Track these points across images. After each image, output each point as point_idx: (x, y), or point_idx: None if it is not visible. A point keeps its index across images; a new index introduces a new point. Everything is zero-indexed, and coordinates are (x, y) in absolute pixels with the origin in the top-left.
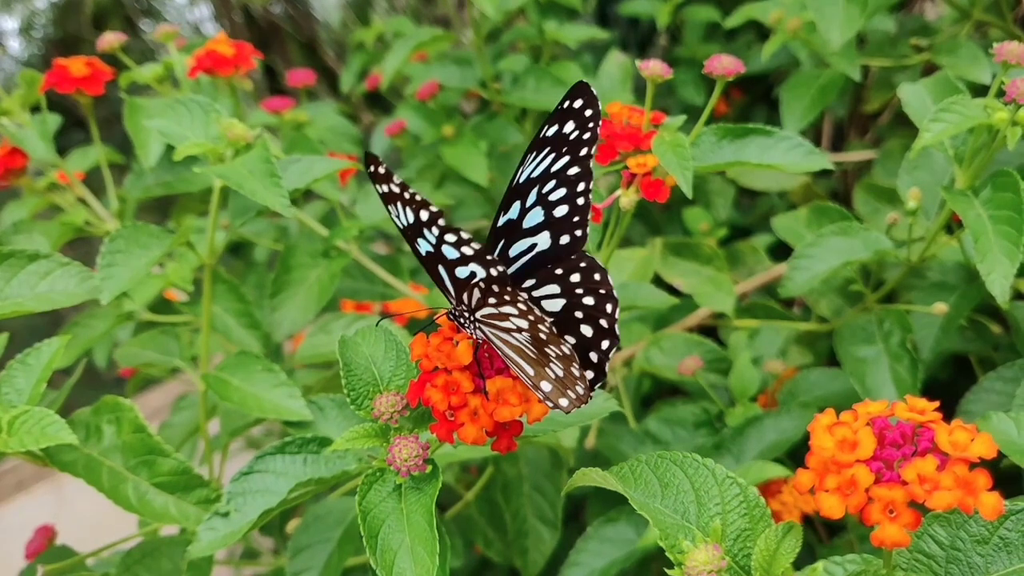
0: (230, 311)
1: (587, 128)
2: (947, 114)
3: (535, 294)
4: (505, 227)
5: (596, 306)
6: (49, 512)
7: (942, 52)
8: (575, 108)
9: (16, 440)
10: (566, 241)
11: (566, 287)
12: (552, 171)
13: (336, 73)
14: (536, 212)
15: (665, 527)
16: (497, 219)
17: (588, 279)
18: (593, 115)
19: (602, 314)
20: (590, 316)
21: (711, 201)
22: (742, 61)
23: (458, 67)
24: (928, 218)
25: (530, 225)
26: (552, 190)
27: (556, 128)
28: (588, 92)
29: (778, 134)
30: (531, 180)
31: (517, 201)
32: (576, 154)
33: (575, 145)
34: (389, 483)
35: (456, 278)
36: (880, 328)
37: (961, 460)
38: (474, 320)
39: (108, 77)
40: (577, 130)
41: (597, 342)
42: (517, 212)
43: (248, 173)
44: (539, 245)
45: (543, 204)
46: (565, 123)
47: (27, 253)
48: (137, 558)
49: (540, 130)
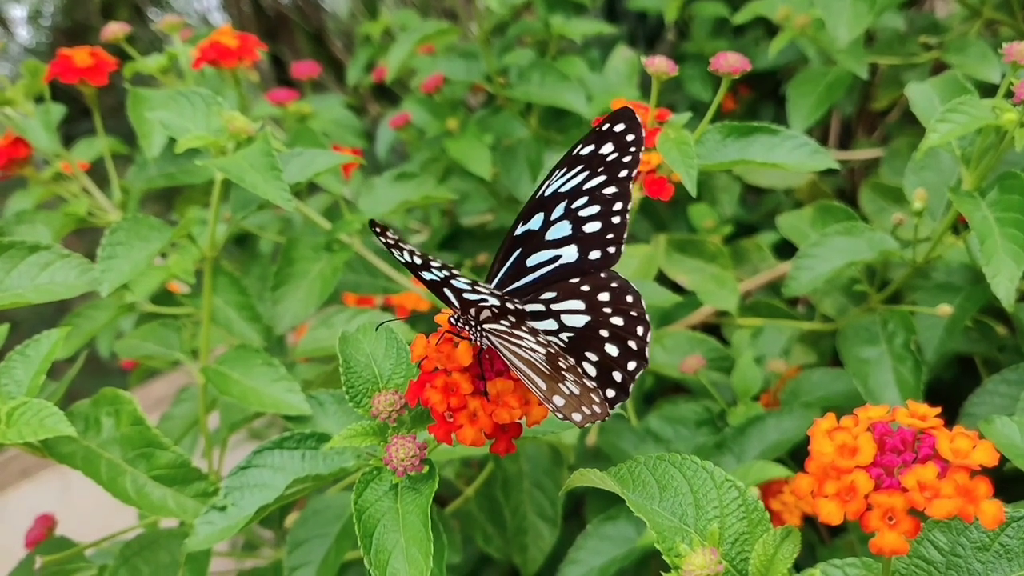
0: (231, 304)
1: (627, 152)
2: (955, 115)
3: (555, 307)
4: (524, 237)
5: (625, 327)
6: (54, 499)
7: (951, 50)
8: (615, 131)
9: (14, 431)
10: (596, 256)
11: (592, 304)
12: (584, 188)
13: (344, 64)
14: (562, 225)
15: (662, 530)
16: (515, 228)
17: (619, 300)
18: (635, 140)
19: (632, 335)
20: (617, 336)
21: (716, 198)
22: (750, 58)
23: (464, 61)
24: (934, 219)
25: (554, 238)
26: (584, 206)
27: (592, 148)
28: (631, 117)
29: (783, 133)
30: (558, 194)
31: (540, 213)
32: (615, 175)
33: (613, 166)
34: (386, 482)
35: (464, 299)
36: (884, 329)
37: (962, 468)
38: (480, 329)
39: (112, 67)
40: (616, 152)
41: (623, 362)
42: (540, 223)
43: (249, 166)
44: (564, 258)
45: (571, 219)
46: (603, 144)
47: (27, 244)
48: (135, 550)
49: (574, 148)
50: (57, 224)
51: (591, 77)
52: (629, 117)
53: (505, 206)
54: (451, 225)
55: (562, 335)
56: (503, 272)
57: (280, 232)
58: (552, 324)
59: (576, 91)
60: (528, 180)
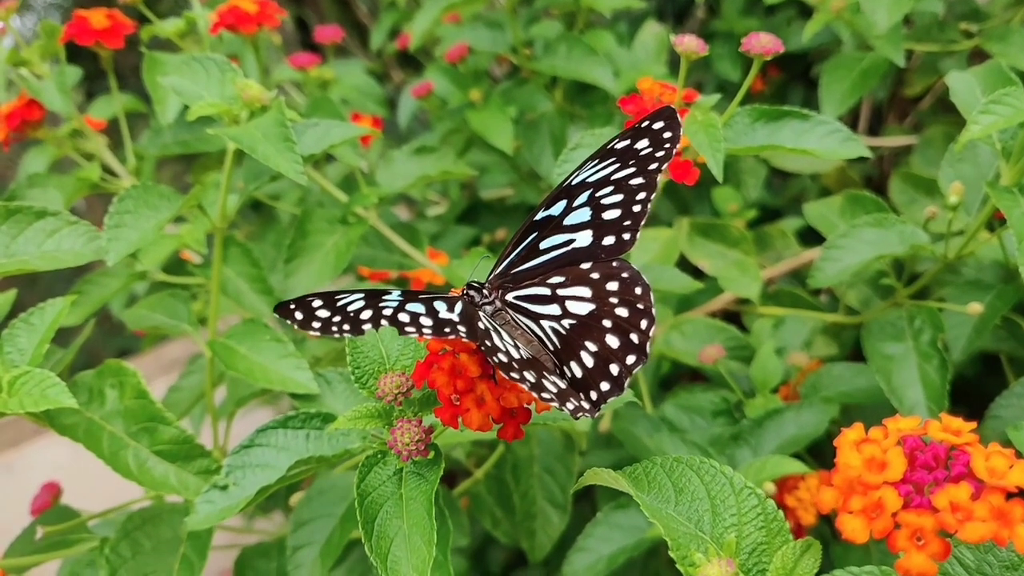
0: (243, 276)
1: (662, 147)
2: (998, 106)
3: (561, 292)
4: (543, 221)
5: (630, 319)
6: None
7: (992, 38)
8: (654, 129)
9: (16, 401)
10: (610, 242)
11: (599, 293)
12: (612, 178)
13: (368, 28)
14: (583, 212)
15: (677, 536)
16: (536, 212)
17: (627, 291)
18: (672, 138)
19: (635, 328)
20: (620, 327)
21: (742, 180)
22: (781, 38)
23: (489, 30)
24: (968, 214)
25: (572, 223)
26: (608, 194)
27: (628, 143)
28: (672, 117)
29: (814, 118)
30: (585, 183)
31: (564, 200)
32: (645, 167)
33: (645, 160)
34: (390, 466)
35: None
36: (910, 325)
37: (998, 489)
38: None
39: (129, 30)
40: (651, 148)
41: (622, 355)
42: (561, 209)
43: (262, 137)
44: (577, 242)
45: (593, 205)
46: (639, 140)
47: (34, 210)
48: (137, 524)
49: (610, 142)
50: (69, 188)
51: (619, 52)
52: (670, 116)
53: (526, 181)
54: (470, 198)
55: (564, 322)
56: (515, 254)
57: (298, 201)
58: (556, 309)
59: (603, 66)
60: (551, 155)
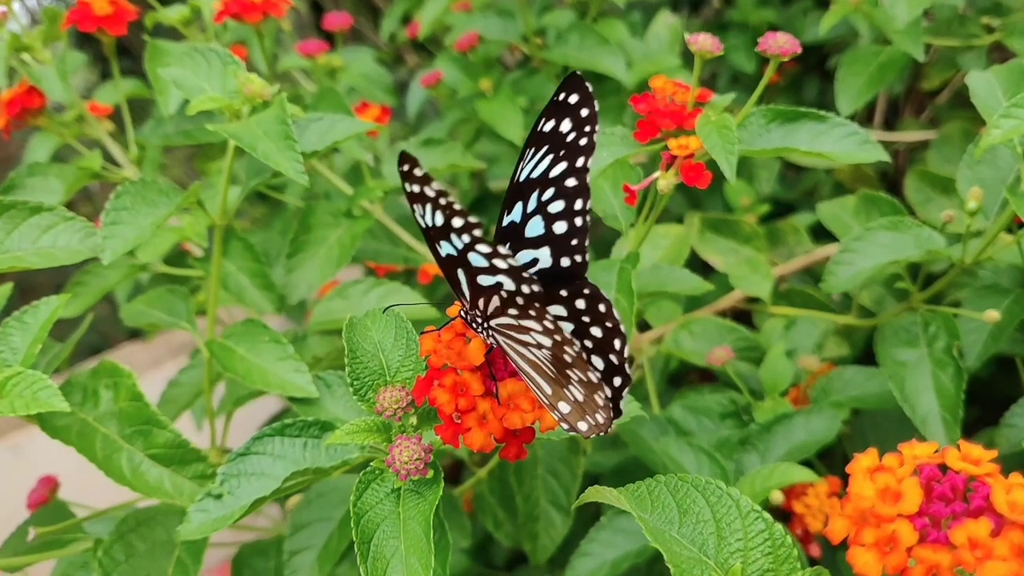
0: (244, 270)
1: (583, 132)
2: (1020, 110)
3: None
4: (510, 229)
5: (604, 339)
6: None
7: (1014, 34)
8: (570, 103)
9: (6, 403)
10: (567, 264)
11: (572, 312)
12: (551, 176)
13: (382, 13)
14: (537, 222)
15: (680, 561)
16: (501, 218)
17: (593, 309)
18: (589, 116)
19: (611, 349)
20: (599, 348)
21: (755, 174)
22: (796, 29)
23: (500, 19)
24: (987, 217)
25: (532, 236)
26: (551, 200)
27: (553, 124)
28: (583, 87)
29: (831, 120)
30: (532, 181)
31: (520, 202)
32: (572, 163)
33: (572, 151)
34: (388, 484)
35: (476, 284)
36: (925, 331)
37: (1019, 525)
38: (487, 327)
39: (132, 17)
40: (574, 132)
41: (608, 378)
42: (519, 215)
43: (263, 134)
44: (541, 261)
45: (543, 214)
46: (561, 120)
47: (29, 205)
48: (132, 526)
49: (537, 123)
50: (70, 178)
51: (632, 42)
52: (580, 86)
53: None
54: (479, 188)
55: None
56: None
57: (303, 193)
58: None
59: (616, 56)
60: None
